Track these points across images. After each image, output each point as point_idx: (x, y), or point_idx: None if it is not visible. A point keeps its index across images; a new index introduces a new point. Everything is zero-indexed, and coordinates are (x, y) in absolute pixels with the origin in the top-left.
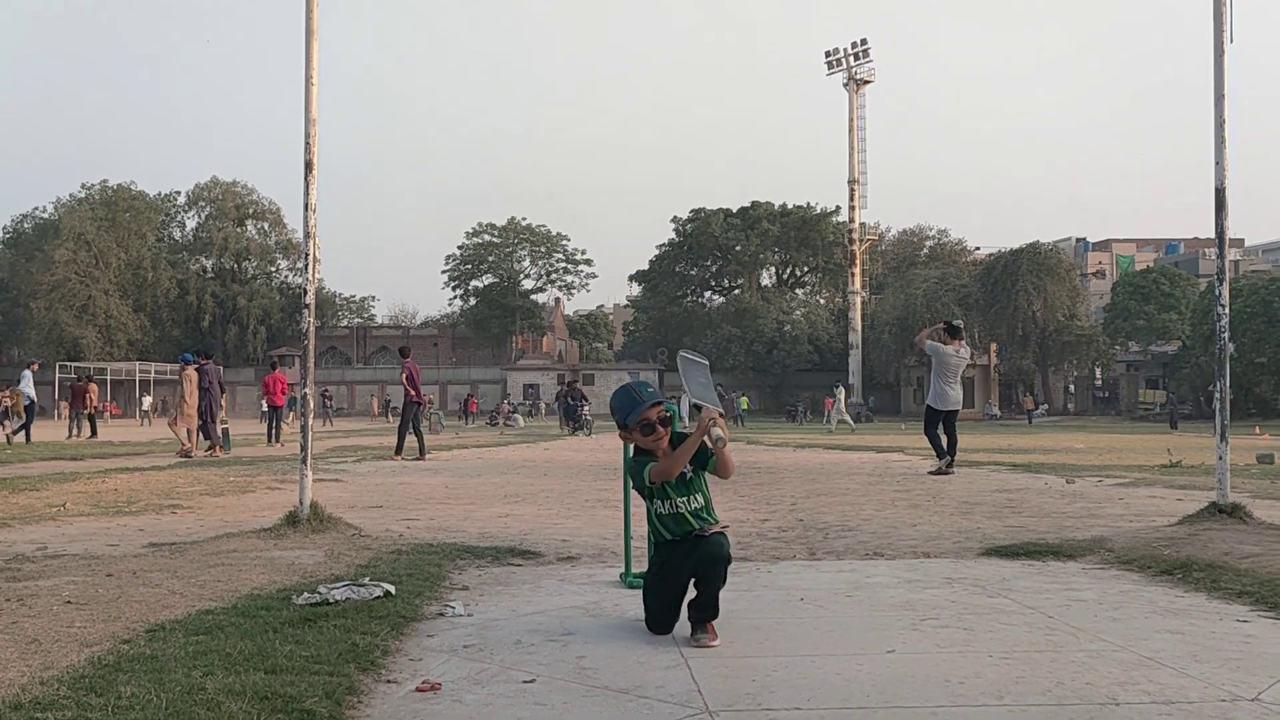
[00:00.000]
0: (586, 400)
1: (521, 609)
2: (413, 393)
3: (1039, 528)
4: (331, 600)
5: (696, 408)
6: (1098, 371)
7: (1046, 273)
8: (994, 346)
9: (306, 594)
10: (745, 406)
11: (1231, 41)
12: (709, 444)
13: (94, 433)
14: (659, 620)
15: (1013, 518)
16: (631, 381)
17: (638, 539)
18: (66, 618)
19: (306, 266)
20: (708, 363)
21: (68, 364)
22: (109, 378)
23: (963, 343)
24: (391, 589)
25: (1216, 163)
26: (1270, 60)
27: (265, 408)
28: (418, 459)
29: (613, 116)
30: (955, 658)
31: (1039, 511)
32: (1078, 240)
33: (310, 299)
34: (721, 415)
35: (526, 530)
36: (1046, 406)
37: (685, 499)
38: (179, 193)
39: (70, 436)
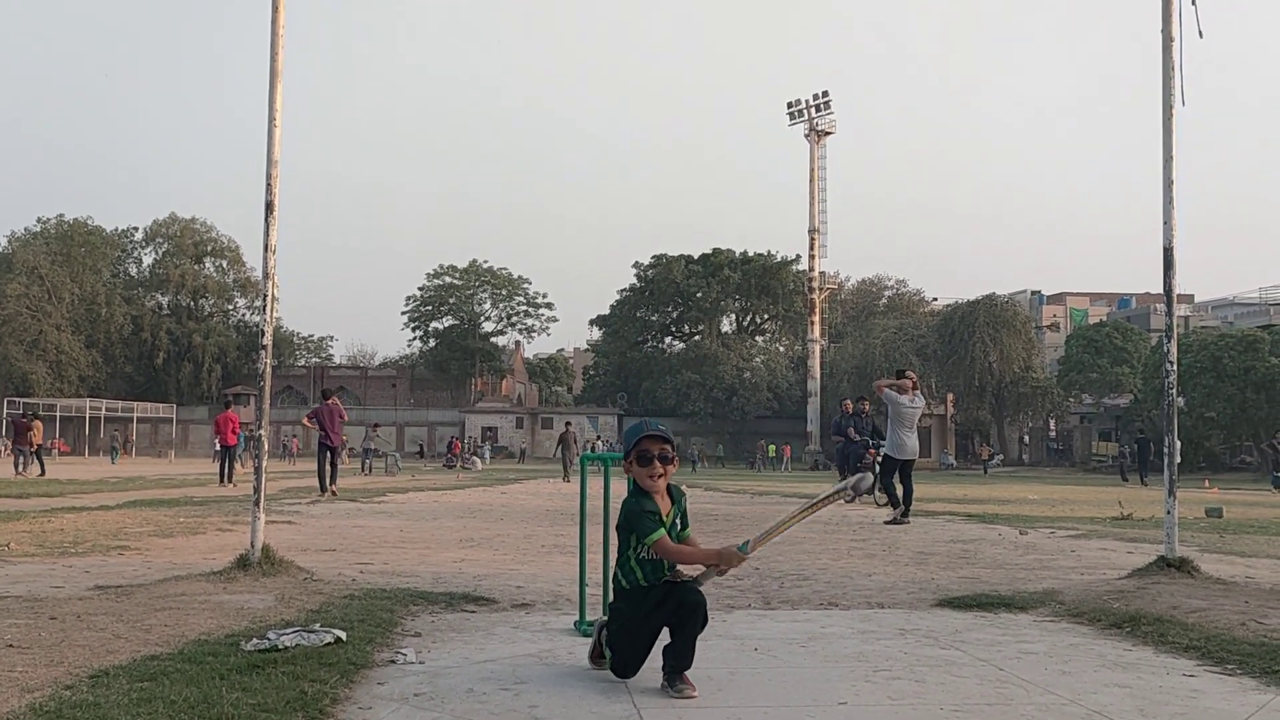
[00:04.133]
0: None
1: (474, 656)
2: (321, 432)
3: (992, 579)
4: (281, 646)
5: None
6: (1052, 423)
7: (1002, 325)
8: (951, 396)
9: (255, 640)
10: (772, 454)
11: (1183, 105)
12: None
13: (42, 470)
14: (629, 664)
15: (966, 568)
16: (650, 421)
17: (593, 586)
18: (8, 661)
19: (265, 307)
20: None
21: (16, 400)
22: (58, 414)
23: (917, 392)
24: (342, 635)
25: (1165, 222)
26: (1224, 116)
27: (218, 447)
28: (318, 497)
29: (575, 162)
30: (907, 710)
31: (992, 563)
32: (1033, 293)
33: (267, 339)
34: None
35: (481, 576)
36: (1002, 457)
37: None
38: (136, 228)
39: (18, 474)
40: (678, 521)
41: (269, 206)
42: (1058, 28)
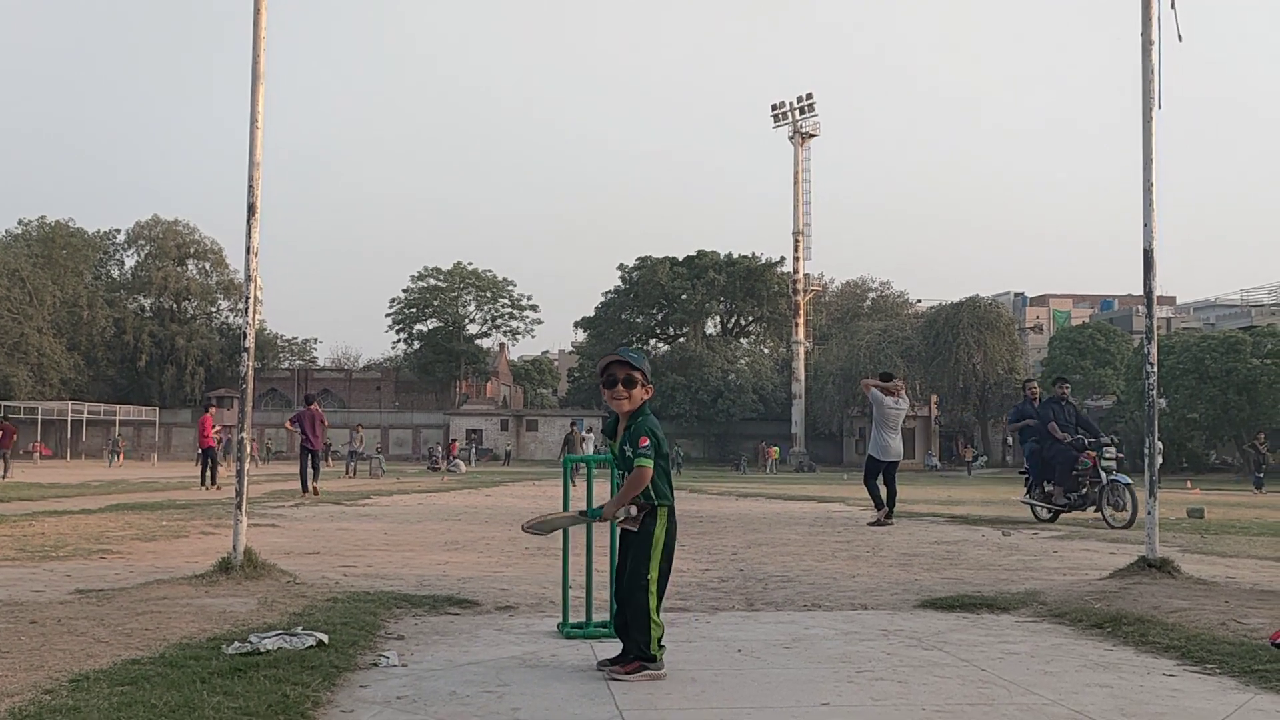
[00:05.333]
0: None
1: (458, 659)
2: (303, 436)
3: (975, 580)
4: (263, 650)
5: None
6: None
7: (986, 327)
8: (935, 398)
9: (237, 643)
10: (777, 457)
11: (1159, 108)
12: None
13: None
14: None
15: (950, 570)
16: (626, 349)
17: (576, 589)
18: None
19: (247, 309)
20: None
21: None
22: (40, 417)
23: (901, 393)
24: (325, 638)
25: (1145, 224)
26: (1207, 121)
27: (200, 450)
28: (301, 498)
29: (560, 164)
30: (889, 711)
31: (976, 564)
32: (1016, 295)
33: (250, 343)
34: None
35: (465, 579)
36: (986, 458)
37: (625, 473)
38: (119, 230)
39: (4, 477)
40: (626, 447)
41: (251, 208)
42: (1040, 32)
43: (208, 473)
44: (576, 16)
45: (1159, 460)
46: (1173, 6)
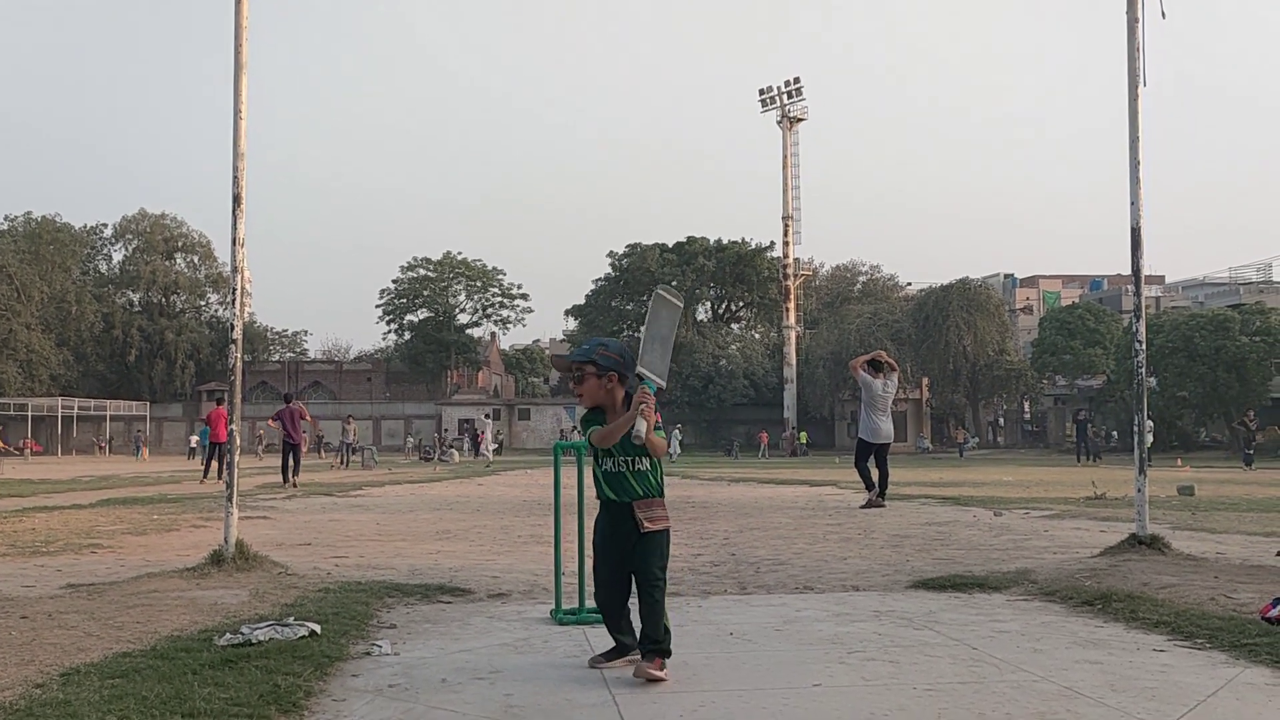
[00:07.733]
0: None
1: (450, 647)
2: (284, 432)
3: (967, 560)
4: (254, 641)
5: (639, 378)
6: (1026, 406)
7: (976, 308)
8: (926, 381)
9: (228, 635)
10: (804, 441)
11: (1144, 85)
12: (631, 436)
13: None
14: (604, 598)
15: (941, 550)
16: (597, 339)
17: (569, 575)
18: None
19: (234, 301)
20: (680, 306)
21: None
22: (30, 414)
23: (894, 374)
24: (317, 628)
25: (1132, 203)
26: (1194, 100)
27: (205, 442)
28: (281, 487)
29: (548, 152)
30: (881, 691)
31: (967, 544)
32: (1005, 276)
33: (238, 334)
34: (653, 397)
35: (457, 567)
36: (977, 440)
37: (631, 459)
38: (105, 225)
39: None
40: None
41: (236, 199)
42: (1027, 12)
43: (212, 466)
44: (562, 4)
45: (1150, 438)
46: None
